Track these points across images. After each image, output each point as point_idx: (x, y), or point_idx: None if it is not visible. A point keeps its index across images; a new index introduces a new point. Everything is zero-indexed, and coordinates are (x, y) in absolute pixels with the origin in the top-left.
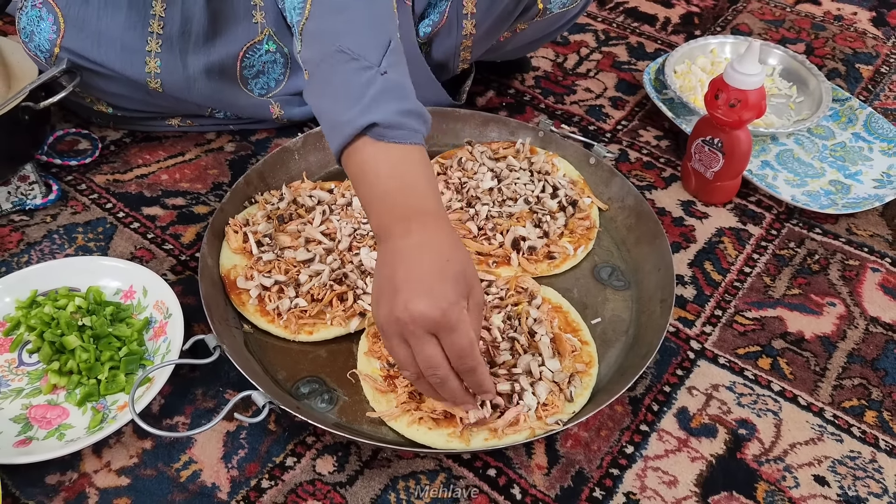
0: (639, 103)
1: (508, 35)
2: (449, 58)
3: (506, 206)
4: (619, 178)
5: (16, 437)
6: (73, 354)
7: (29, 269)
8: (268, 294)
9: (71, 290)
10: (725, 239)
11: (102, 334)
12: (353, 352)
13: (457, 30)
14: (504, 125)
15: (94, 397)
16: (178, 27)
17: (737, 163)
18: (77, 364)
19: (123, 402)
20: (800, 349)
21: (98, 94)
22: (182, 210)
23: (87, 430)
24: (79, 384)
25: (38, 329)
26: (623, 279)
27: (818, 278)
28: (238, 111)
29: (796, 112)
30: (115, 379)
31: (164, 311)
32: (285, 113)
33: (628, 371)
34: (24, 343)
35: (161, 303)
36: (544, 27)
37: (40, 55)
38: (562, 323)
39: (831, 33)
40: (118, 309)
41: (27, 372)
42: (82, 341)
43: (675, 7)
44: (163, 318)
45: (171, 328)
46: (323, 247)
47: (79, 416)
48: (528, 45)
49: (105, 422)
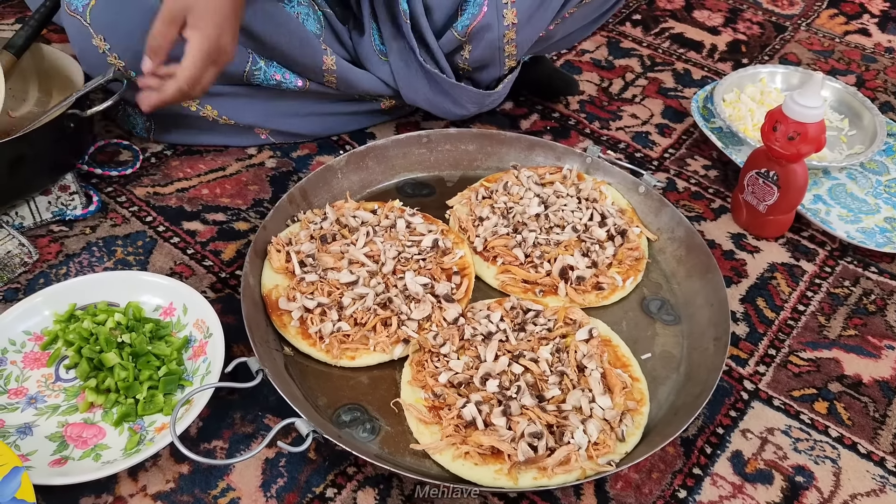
0: (686, 131)
1: (557, 22)
2: (493, 53)
3: (553, 234)
4: (669, 209)
5: (51, 457)
6: (111, 372)
7: (68, 282)
8: (310, 316)
9: (110, 305)
10: (778, 275)
11: (141, 352)
12: (395, 379)
13: (497, 21)
14: (550, 150)
15: (131, 417)
16: None
17: (792, 197)
18: (115, 382)
19: (161, 423)
20: (858, 393)
21: (136, 52)
22: (222, 226)
23: (123, 451)
24: (116, 403)
25: (76, 344)
26: (673, 313)
27: (875, 319)
28: (288, 50)
29: (848, 146)
30: (153, 399)
31: (204, 330)
32: (338, 69)
33: (681, 411)
34: (62, 358)
35: (202, 321)
36: (594, 9)
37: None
38: (611, 357)
39: (882, 65)
40: (158, 326)
41: (64, 388)
42: (121, 359)
43: (722, 34)
44: (202, 338)
45: (210, 348)
46: (367, 269)
47: (115, 437)
48: (579, 31)
49: (142, 444)
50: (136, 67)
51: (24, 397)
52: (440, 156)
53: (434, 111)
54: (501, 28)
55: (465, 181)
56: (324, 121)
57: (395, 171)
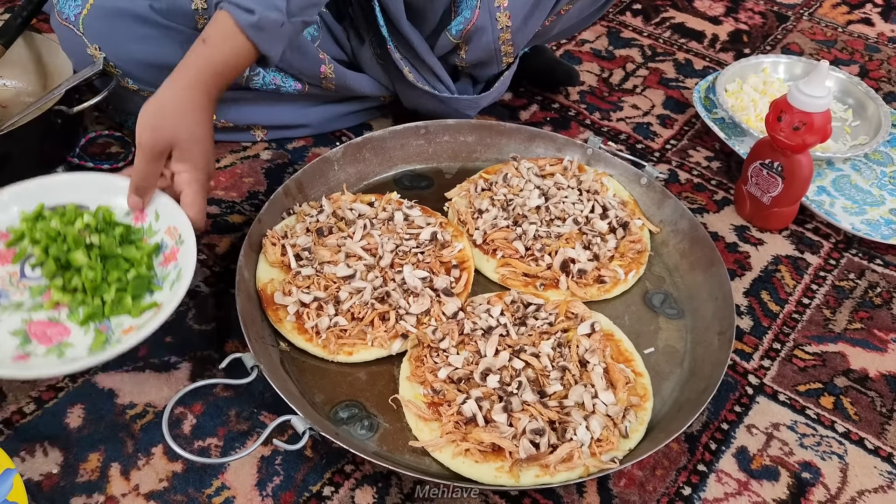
0: (688, 122)
1: (553, 19)
2: (490, 54)
3: (554, 226)
4: (672, 201)
5: (14, 351)
6: (78, 273)
7: (36, 180)
8: (306, 311)
9: (79, 208)
10: (782, 267)
11: (111, 254)
12: (393, 375)
13: (491, 25)
14: (551, 141)
15: (97, 318)
16: None
17: (797, 188)
18: (82, 282)
19: (128, 325)
20: (864, 388)
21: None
22: (216, 219)
23: (88, 350)
24: (83, 303)
25: (43, 243)
26: (676, 307)
27: (881, 312)
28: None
29: (852, 136)
30: (121, 301)
31: (176, 238)
32: (336, 76)
33: (685, 407)
34: (28, 256)
35: (173, 229)
36: (589, 3)
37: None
38: (614, 352)
39: (886, 55)
40: (128, 231)
41: (28, 287)
42: (89, 259)
43: (724, 24)
44: (174, 245)
45: (182, 255)
46: (364, 263)
47: (81, 336)
48: (577, 23)
49: (108, 344)
50: (132, 75)
51: None
52: (438, 147)
53: (435, 113)
54: (496, 31)
55: (463, 173)
56: (325, 120)
57: (392, 162)
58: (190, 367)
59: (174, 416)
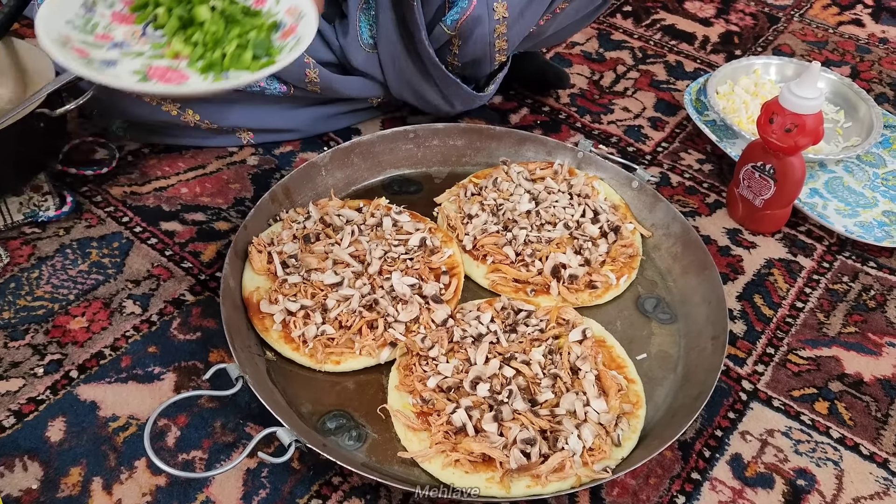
0: (679, 124)
1: (549, 17)
2: (484, 49)
3: (544, 231)
4: (663, 204)
5: (135, 86)
6: (200, 28)
7: None
8: (293, 320)
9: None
10: (775, 271)
11: (233, 18)
12: (382, 384)
13: (488, 16)
14: (541, 145)
15: (216, 68)
16: None
17: (789, 191)
18: (204, 36)
19: (246, 81)
20: (859, 393)
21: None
22: (202, 226)
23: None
24: (202, 57)
25: (166, 4)
26: (669, 312)
27: (875, 316)
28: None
29: (844, 138)
30: (241, 56)
31: (296, 16)
32: (321, 80)
33: (679, 413)
34: (151, 20)
35: (293, 9)
36: (586, 3)
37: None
38: (606, 359)
39: (877, 56)
40: (247, 9)
41: (150, 42)
42: (212, 15)
43: (714, 25)
44: (293, 22)
45: (302, 27)
46: (352, 270)
47: (199, 82)
48: (570, 26)
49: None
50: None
51: (110, 41)
52: (428, 151)
53: (421, 105)
54: (492, 23)
55: (453, 177)
56: (312, 121)
57: (381, 167)
58: (174, 377)
59: (158, 428)
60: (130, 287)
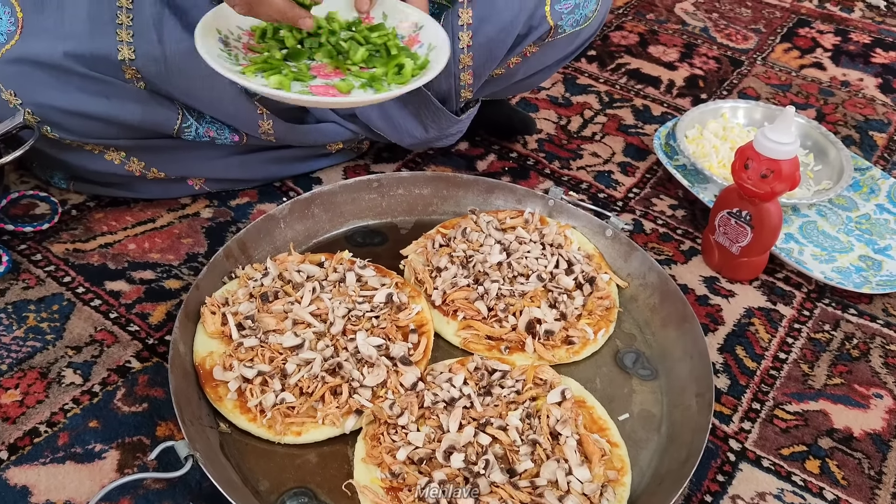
0: (649, 169)
1: (518, 60)
2: (449, 82)
3: (517, 284)
4: (639, 253)
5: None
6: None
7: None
8: (249, 387)
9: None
10: (756, 320)
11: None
12: (347, 457)
13: (452, 43)
14: (510, 192)
15: (377, 84)
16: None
17: (766, 237)
18: (354, 60)
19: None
20: (850, 449)
21: (50, 108)
22: (151, 285)
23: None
24: (358, 75)
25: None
26: (649, 367)
27: (860, 365)
28: (221, 114)
29: (815, 181)
30: (401, 71)
31: (412, 27)
32: (276, 132)
33: (667, 480)
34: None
35: (404, 23)
36: (556, 50)
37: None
38: (587, 421)
39: (840, 99)
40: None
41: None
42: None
43: (679, 69)
44: (411, 33)
45: (425, 34)
46: (313, 330)
47: (361, 95)
48: (540, 72)
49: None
50: (54, 123)
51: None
52: (392, 201)
53: (389, 132)
54: (457, 51)
55: (420, 228)
56: (266, 167)
57: (343, 218)
58: (118, 455)
59: None
60: (71, 354)
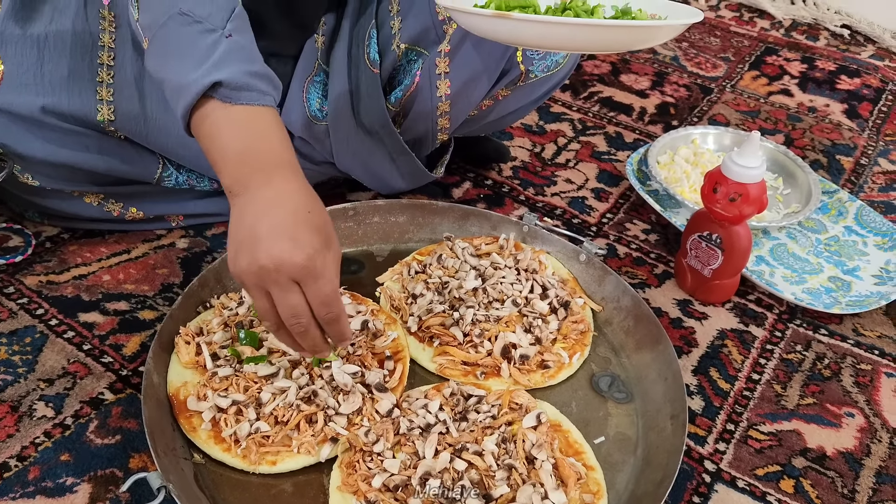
0: (622, 195)
1: (490, 103)
2: (427, 127)
3: (493, 309)
4: (612, 277)
5: None
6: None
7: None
8: (224, 417)
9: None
10: (728, 342)
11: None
12: (323, 485)
13: (430, 92)
14: (485, 219)
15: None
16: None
17: (737, 260)
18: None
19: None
20: (823, 468)
21: (30, 158)
22: (125, 316)
23: None
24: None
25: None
26: (625, 390)
27: (831, 385)
28: (202, 168)
29: (784, 204)
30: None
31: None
32: None
33: (643, 501)
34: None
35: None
36: (527, 93)
37: None
38: (562, 444)
39: (808, 124)
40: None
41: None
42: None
43: (650, 97)
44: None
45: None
46: (288, 359)
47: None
48: (511, 114)
49: None
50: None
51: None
52: (368, 229)
53: (367, 181)
54: (435, 99)
55: (396, 255)
56: None
57: None
58: (90, 489)
59: None
60: (43, 387)
